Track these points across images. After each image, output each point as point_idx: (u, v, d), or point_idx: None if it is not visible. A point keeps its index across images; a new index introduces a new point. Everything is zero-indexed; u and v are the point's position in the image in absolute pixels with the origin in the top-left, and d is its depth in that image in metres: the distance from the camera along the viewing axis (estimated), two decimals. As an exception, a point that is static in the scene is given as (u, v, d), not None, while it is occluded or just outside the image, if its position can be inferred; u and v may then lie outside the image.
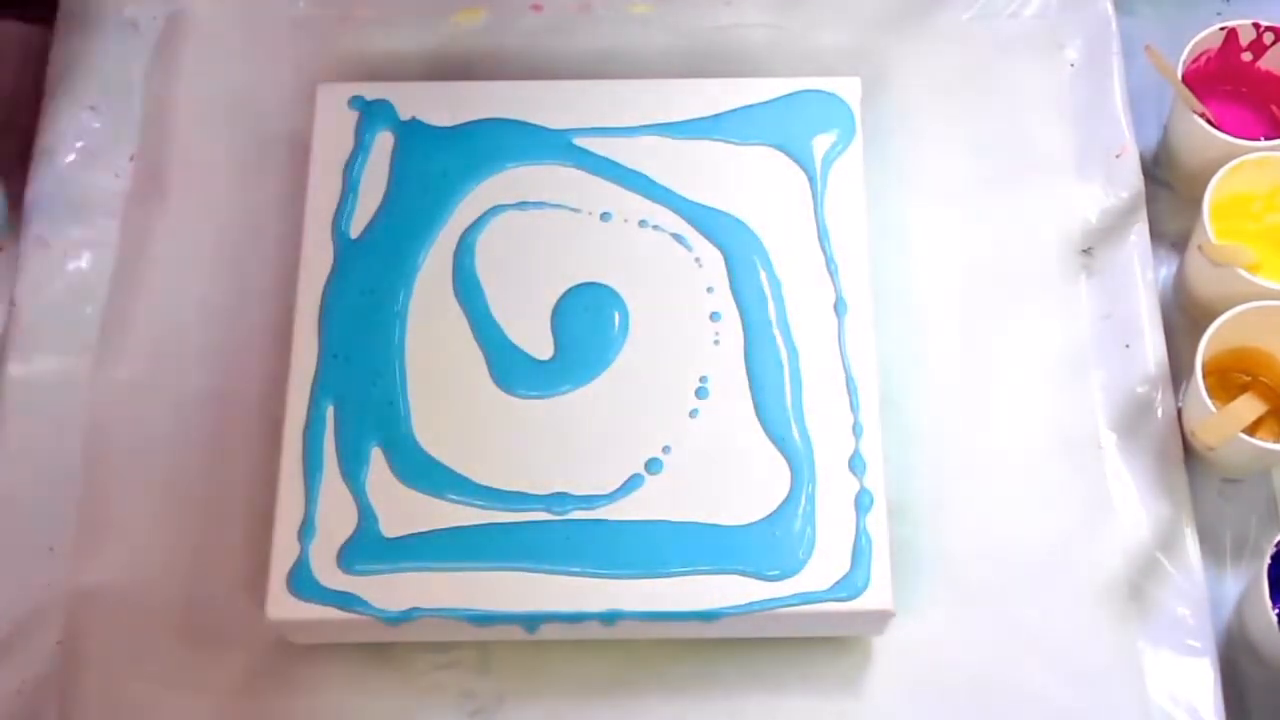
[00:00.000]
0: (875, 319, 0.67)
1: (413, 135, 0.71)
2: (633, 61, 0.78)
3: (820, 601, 0.62)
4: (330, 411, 0.65)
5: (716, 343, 0.67)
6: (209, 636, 0.67)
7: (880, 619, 0.63)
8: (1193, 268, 0.71)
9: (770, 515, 0.63)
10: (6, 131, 0.77)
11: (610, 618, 0.62)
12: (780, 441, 0.65)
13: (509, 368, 0.67)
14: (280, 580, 0.62)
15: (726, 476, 0.64)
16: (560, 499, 0.64)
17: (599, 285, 0.68)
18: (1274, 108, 0.76)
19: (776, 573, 0.62)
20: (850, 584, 0.62)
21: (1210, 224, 0.68)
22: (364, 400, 0.66)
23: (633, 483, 0.64)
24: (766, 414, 0.65)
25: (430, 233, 0.69)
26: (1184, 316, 0.73)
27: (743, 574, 0.62)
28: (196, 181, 0.76)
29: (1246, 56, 0.74)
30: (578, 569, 0.62)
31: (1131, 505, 0.68)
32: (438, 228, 0.69)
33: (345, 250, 0.68)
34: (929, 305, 0.72)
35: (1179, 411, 0.70)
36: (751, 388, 0.66)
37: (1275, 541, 0.63)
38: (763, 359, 0.66)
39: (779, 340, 0.67)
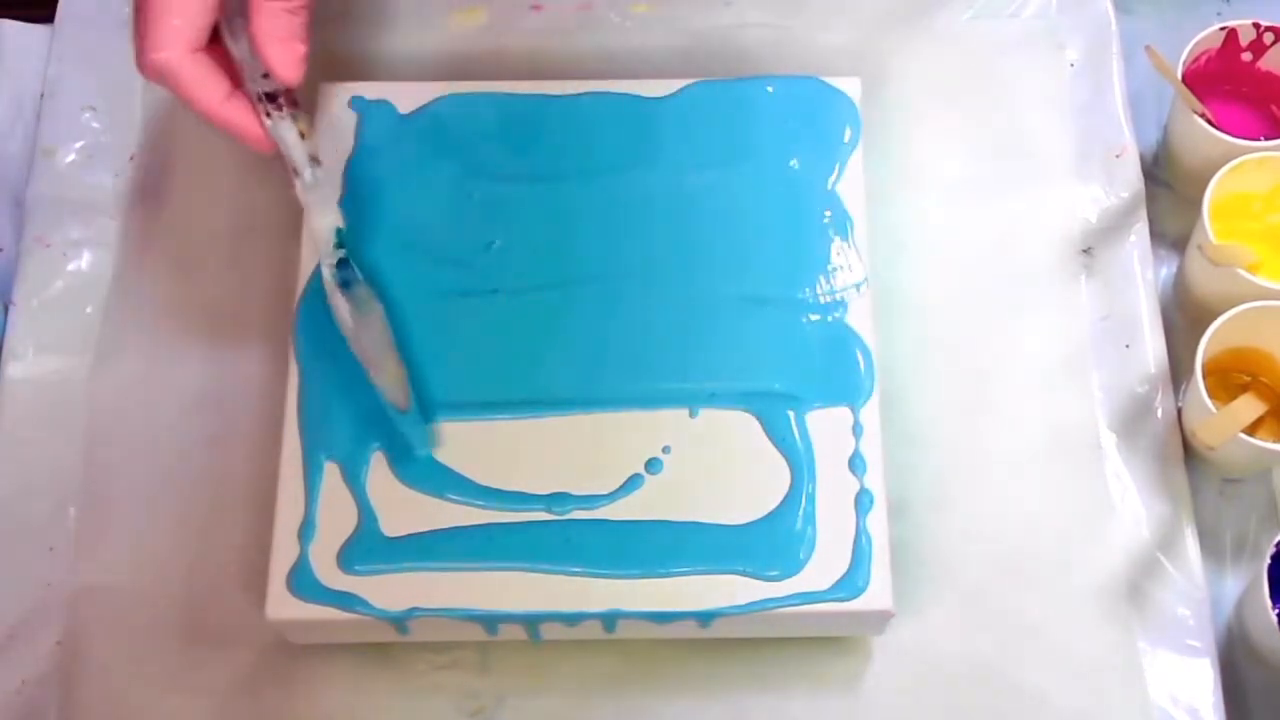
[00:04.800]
0: (875, 319, 0.67)
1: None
2: (633, 61, 0.78)
3: (820, 601, 0.62)
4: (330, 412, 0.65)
5: (717, 342, 0.67)
6: (209, 636, 0.67)
7: (880, 619, 0.63)
8: (1193, 268, 0.71)
9: (770, 515, 0.63)
10: (8, 131, 0.77)
11: (610, 617, 0.62)
12: (780, 441, 0.65)
13: (509, 368, 0.67)
14: (280, 580, 0.62)
15: (726, 476, 0.64)
16: (560, 499, 0.64)
17: (599, 285, 0.68)
18: (1274, 108, 0.76)
19: (776, 573, 0.62)
20: (850, 584, 0.62)
21: (1210, 224, 0.68)
22: (364, 400, 0.66)
23: (633, 483, 0.64)
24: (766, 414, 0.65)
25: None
26: (1184, 316, 0.73)
27: (743, 574, 0.62)
28: (196, 181, 0.76)
29: (1246, 56, 0.74)
30: (578, 569, 0.62)
31: (1131, 505, 0.68)
32: (437, 228, 0.69)
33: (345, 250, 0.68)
34: (929, 305, 0.72)
35: (1179, 411, 0.70)
36: (752, 387, 0.66)
37: (1275, 541, 0.63)
38: (763, 359, 0.66)
39: (779, 340, 0.67)
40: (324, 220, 0.64)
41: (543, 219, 0.69)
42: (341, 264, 0.64)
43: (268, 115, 0.60)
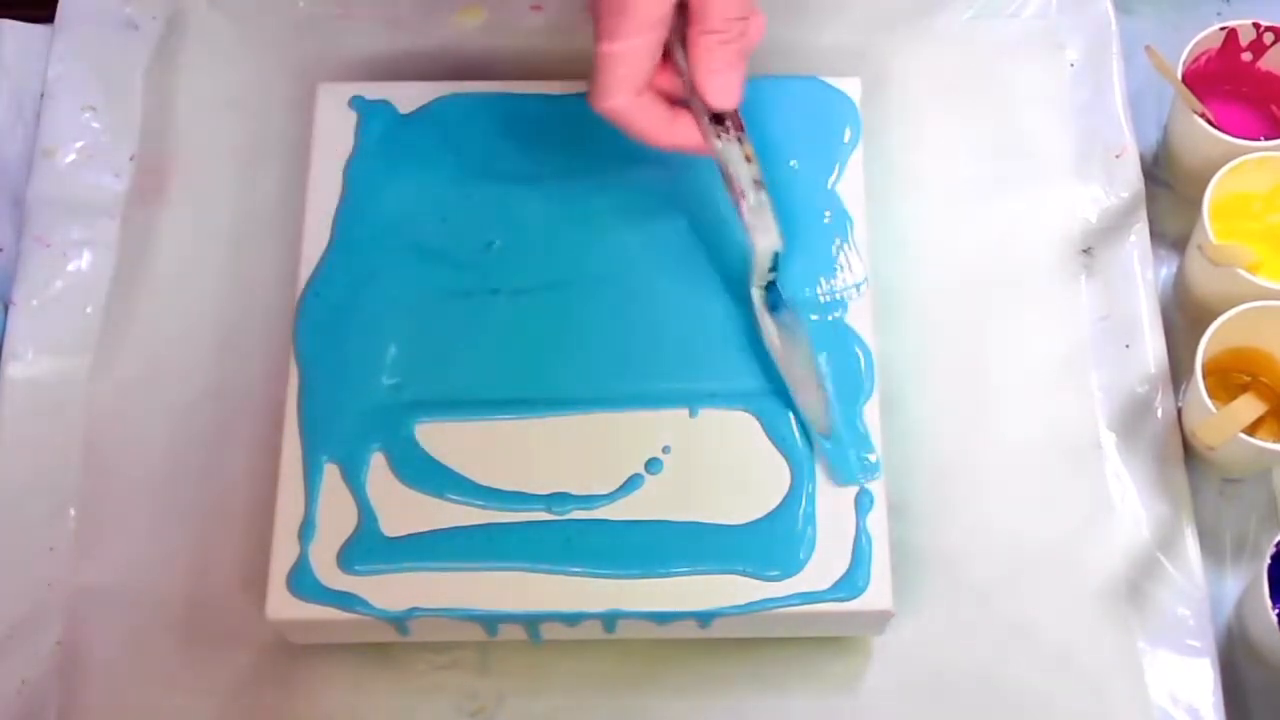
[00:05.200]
0: (875, 319, 0.67)
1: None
2: (633, 61, 0.78)
3: (820, 601, 0.62)
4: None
5: (717, 342, 0.67)
6: (209, 636, 0.67)
7: (880, 619, 0.63)
8: (1193, 268, 0.71)
9: (770, 515, 0.63)
10: (8, 131, 0.77)
11: (610, 618, 0.62)
12: (780, 441, 0.65)
13: (509, 367, 0.67)
14: (280, 580, 0.62)
15: (726, 476, 0.64)
16: (560, 499, 0.64)
17: (600, 284, 0.68)
18: (1274, 108, 0.76)
19: (776, 573, 0.62)
20: (850, 584, 0.62)
21: (1210, 224, 0.68)
22: (364, 400, 0.65)
23: (633, 483, 0.64)
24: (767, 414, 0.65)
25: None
26: (1184, 316, 0.73)
27: (743, 574, 0.62)
28: (196, 181, 0.76)
29: (1246, 56, 0.74)
30: (578, 569, 0.62)
31: (1131, 505, 0.68)
32: (437, 228, 0.69)
33: (345, 250, 0.68)
34: (929, 305, 0.72)
35: (1179, 411, 0.70)
36: (752, 387, 0.66)
37: (1275, 541, 0.63)
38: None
39: (779, 340, 0.67)
40: (765, 242, 0.63)
41: (543, 219, 0.69)
42: (770, 287, 0.65)
43: (717, 138, 0.62)
